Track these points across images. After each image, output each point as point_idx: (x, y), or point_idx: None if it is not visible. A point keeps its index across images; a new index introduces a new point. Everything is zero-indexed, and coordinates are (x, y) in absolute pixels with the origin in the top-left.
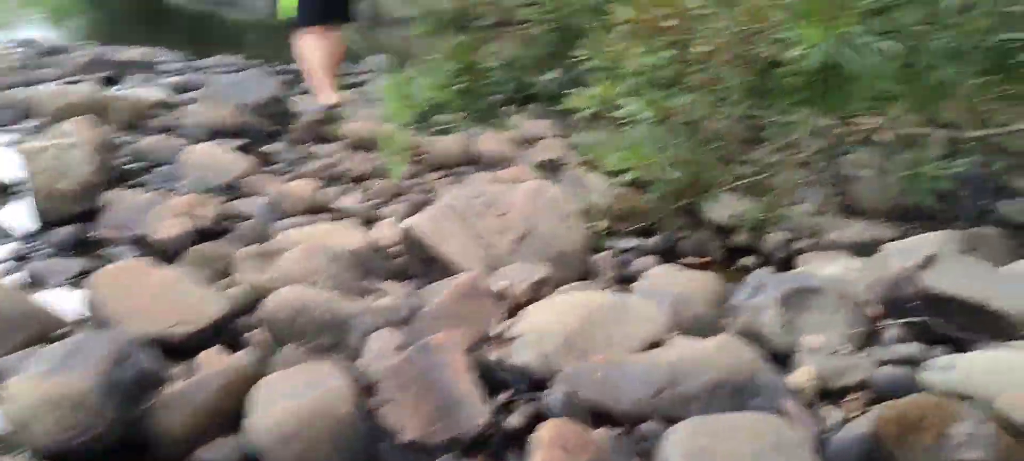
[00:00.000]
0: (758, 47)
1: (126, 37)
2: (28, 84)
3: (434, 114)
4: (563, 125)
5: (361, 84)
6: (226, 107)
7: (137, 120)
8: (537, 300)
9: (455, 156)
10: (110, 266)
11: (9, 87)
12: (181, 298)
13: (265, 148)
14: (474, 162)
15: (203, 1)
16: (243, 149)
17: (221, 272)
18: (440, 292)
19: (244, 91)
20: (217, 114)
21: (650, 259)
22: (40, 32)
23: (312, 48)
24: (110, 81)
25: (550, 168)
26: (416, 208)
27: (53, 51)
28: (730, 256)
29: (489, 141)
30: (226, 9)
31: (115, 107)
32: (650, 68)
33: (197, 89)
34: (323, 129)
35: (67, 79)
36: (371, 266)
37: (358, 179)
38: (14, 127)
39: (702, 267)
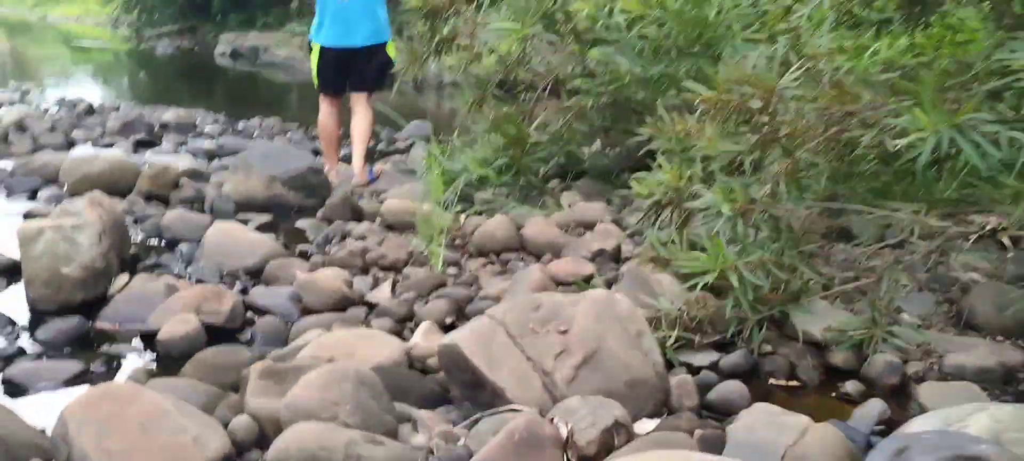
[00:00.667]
0: (854, 132)
1: (170, 97)
2: (59, 148)
3: (476, 190)
4: (619, 206)
5: (401, 152)
6: (257, 178)
7: (162, 190)
8: (610, 451)
9: (500, 241)
10: (87, 393)
11: (38, 150)
12: (172, 438)
13: (297, 223)
14: (521, 248)
15: (250, 63)
16: (271, 225)
17: (230, 386)
18: (488, 435)
19: (277, 162)
20: (247, 186)
21: (735, 385)
22: (86, 91)
23: (323, 116)
24: (143, 145)
25: (607, 261)
26: (457, 306)
27: (92, 111)
28: (827, 378)
29: (538, 225)
30: (270, 71)
31: (140, 176)
32: (728, 153)
33: (230, 155)
34: (357, 205)
35: (100, 142)
36: (405, 386)
37: (392, 267)
38: (35, 196)
39: (795, 391)
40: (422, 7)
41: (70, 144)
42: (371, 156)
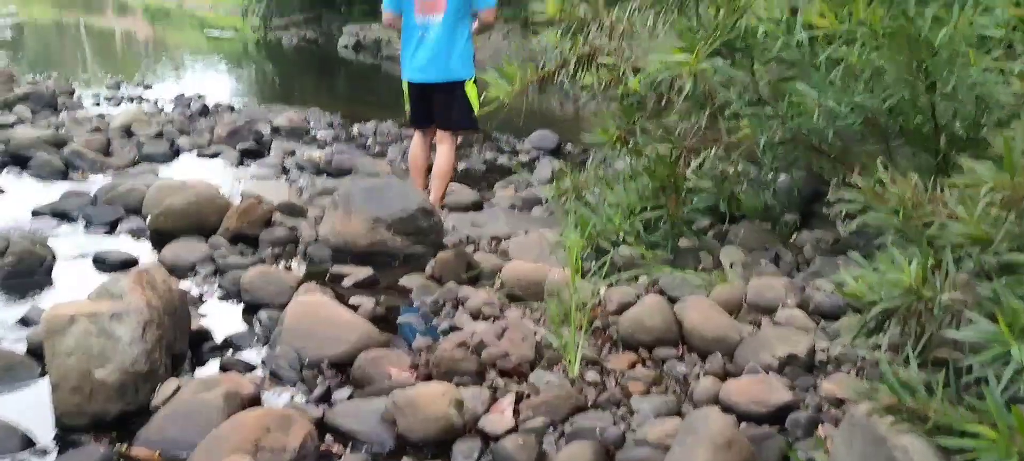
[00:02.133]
0: None
1: (290, 92)
2: (162, 158)
3: (618, 244)
4: (791, 264)
5: (524, 166)
6: (359, 220)
7: (252, 230)
8: None
9: (653, 331)
10: None
11: (139, 161)
12: None
13: (402, 280)
14: (680, 341)
15: (372, 55)
16: (371, 282)
17: None
18: None
19: (383, 199)
20: (347, 229)
21: None
22: (208, 85)
23: (412, 145)
24: (249, 154)
25: (799, 371)
26: (604, 452)
27: (205, 112)
28: None
29: (700, 308)
30: (391, 65)
31: (228, 212)
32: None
33: (338, 176)
34: (473, 260)
35: (205, 151)
36: None
37: (515, 371)
38: (114, 229)
39: None
40: (557, 16)
41: (175, 153)
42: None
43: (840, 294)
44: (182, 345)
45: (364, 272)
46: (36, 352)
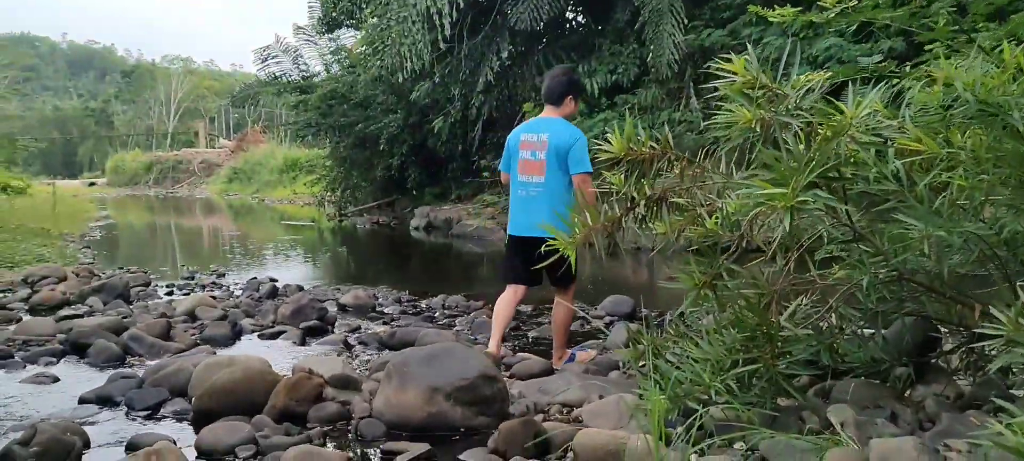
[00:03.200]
0: None
1: (361, 273)
2: (222, 341)
3: (708, 404)
4: (912, 423)
5: (599, 334)
6: (415, 390)
7: (301, 406)
8: None
9: None
10: None
11: (199, 344)
12: None
13: (460, 456)
14: None
15: (443, 234)
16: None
17: None
18: None
19: (442, 366)
20: (402, 401)
21: None
22: (282, 269)
23: (498, 303)
24: (313, 332)
25: None
26: None
27: (273, 294)
28: None
29: None
30: (461, 242)
31: (276, 388)
32: None
33: (402, 347)
34: (541, 427)
35: (267, 332)
36: None
37: None
38: (156, 413)
39: None
40: (622, 156)
41: (236, 334)
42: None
43: (1000, 449)
44: None
45: (419, 448)
46: None
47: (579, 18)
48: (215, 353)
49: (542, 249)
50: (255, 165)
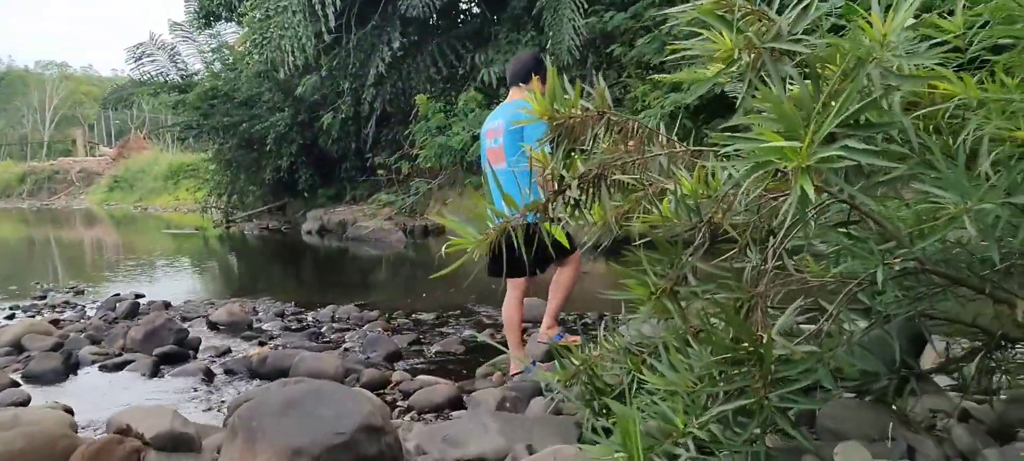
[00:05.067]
0: None
1: (244, 282)
2: (41, 379)
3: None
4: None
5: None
6: (269, 453)
7: None
8: None
9: None
10: None
11: (12, 385)
12: None
13: None
14: None
15: (337, 238)
16: None
17: None
18: None
19: (308, 417)
20: None
21: None
22: (155, 283)
23: (505, 306)
24: (169, 360)
25: None
26: None
27: (133, 312)
28: None
29: None
30: (357, 245)
31: (74, 455)
32: None
33: (275, 374)
34: None
35: (109, 363)
36: None
37: None
38: None
39: None
40: (546, 119)
41: (72, 368)
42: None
43: None
44: None
45: None
46: None
47: (474, 7)
48: (30, 398)
49: (443, 250)
50: (137, 173)
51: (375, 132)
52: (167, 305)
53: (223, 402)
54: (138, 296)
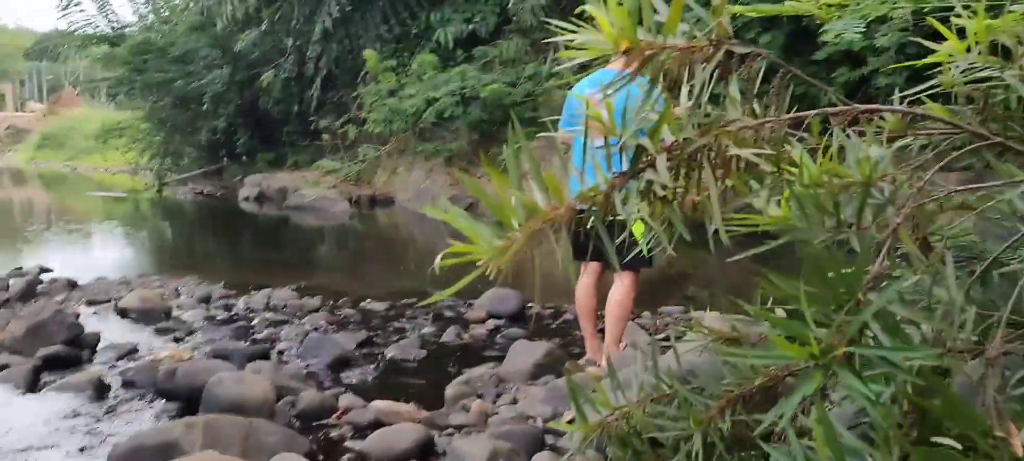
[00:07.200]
0: None
1: (171, 255)
2: None
3: None
4: None
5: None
6: None
7: None
8: None
9: None
10: None
11: None
12: None
13: None
14: None
15: (277, 206)
16: None
17: None
18: None
19: None
20: None
21: None
22: (60, 259)
23: (578, 291)
24: (54, 365)
25: None
26: None
27: (30, 293)
28: None
29: None
30: (299, 215)
31: None
32: None
33: (184, 393)
34: None
35: None
36: None
37: None
38: None
39: None
40: (624, 52)
41: None
42: None
43: None
44: None
45: None
46: None
47: None
48: None
49: (438, 263)
50: (68, 130)
51: (320, 93)
52: (73, 284)
53: (110, 436)
54: (44, 270)
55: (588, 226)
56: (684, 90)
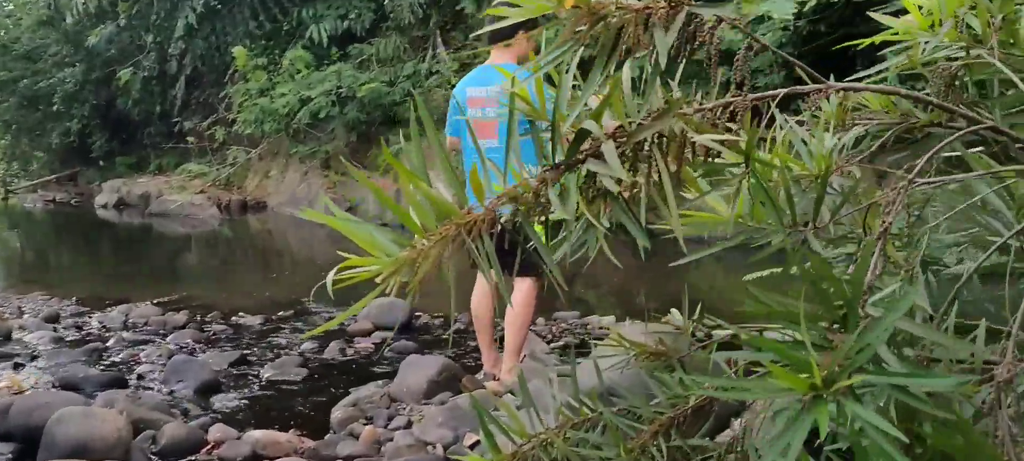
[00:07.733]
0: None
1: (13, 273)
2: None
3: None
4: None
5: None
6: None
7: None
8: None
9: None
10: None
11: None
12: None
13: None
14: None
15: (139, 213)
16: None
17: None
18: None
19: None
20: None
21: None
22: None
23: (474, 299)
24: None
25: None
26: None
27: None
28: None
29: None
30: (162, 222)
31: None
32: None
33: (21, 434)
34: None
35: None
36: None
37: None
38: None
39: None
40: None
41: None
42: None
43: None
44: None
45: None
46: None
47: None
48: None
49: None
50: None
51: (185, 93)
52: None
53: None
54: None
55: (513, 227)
56: (626, 68)
